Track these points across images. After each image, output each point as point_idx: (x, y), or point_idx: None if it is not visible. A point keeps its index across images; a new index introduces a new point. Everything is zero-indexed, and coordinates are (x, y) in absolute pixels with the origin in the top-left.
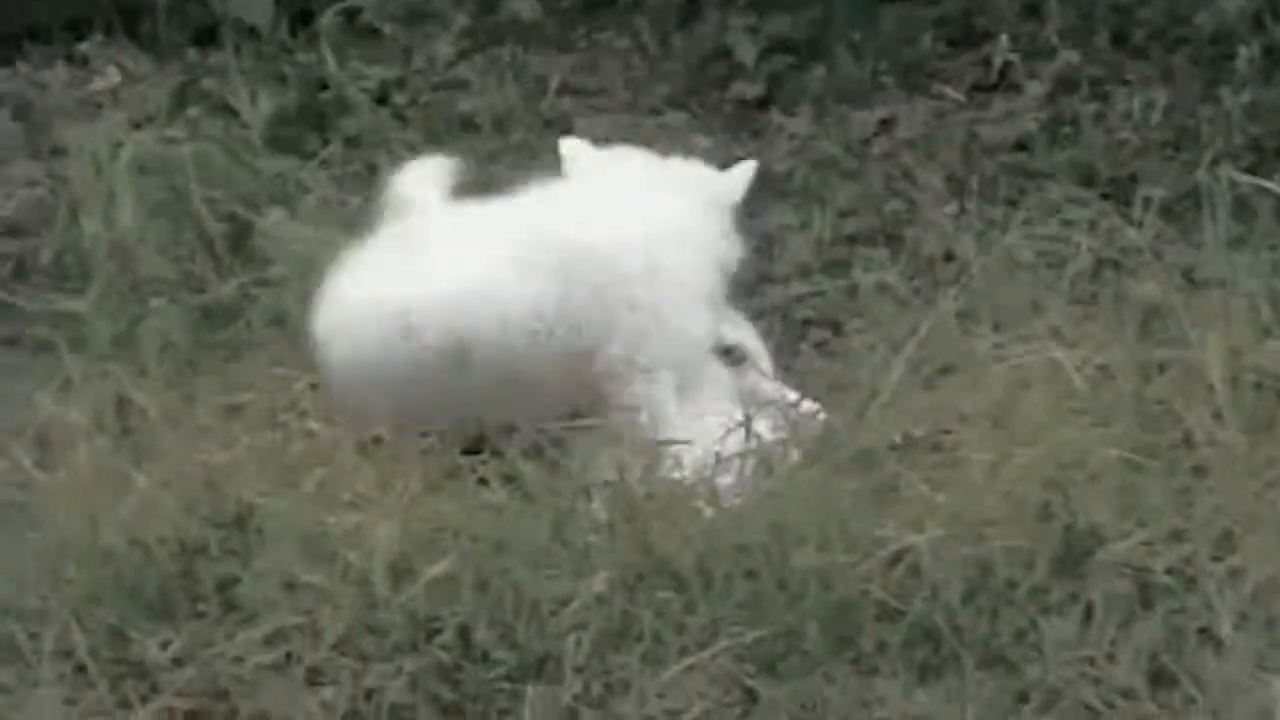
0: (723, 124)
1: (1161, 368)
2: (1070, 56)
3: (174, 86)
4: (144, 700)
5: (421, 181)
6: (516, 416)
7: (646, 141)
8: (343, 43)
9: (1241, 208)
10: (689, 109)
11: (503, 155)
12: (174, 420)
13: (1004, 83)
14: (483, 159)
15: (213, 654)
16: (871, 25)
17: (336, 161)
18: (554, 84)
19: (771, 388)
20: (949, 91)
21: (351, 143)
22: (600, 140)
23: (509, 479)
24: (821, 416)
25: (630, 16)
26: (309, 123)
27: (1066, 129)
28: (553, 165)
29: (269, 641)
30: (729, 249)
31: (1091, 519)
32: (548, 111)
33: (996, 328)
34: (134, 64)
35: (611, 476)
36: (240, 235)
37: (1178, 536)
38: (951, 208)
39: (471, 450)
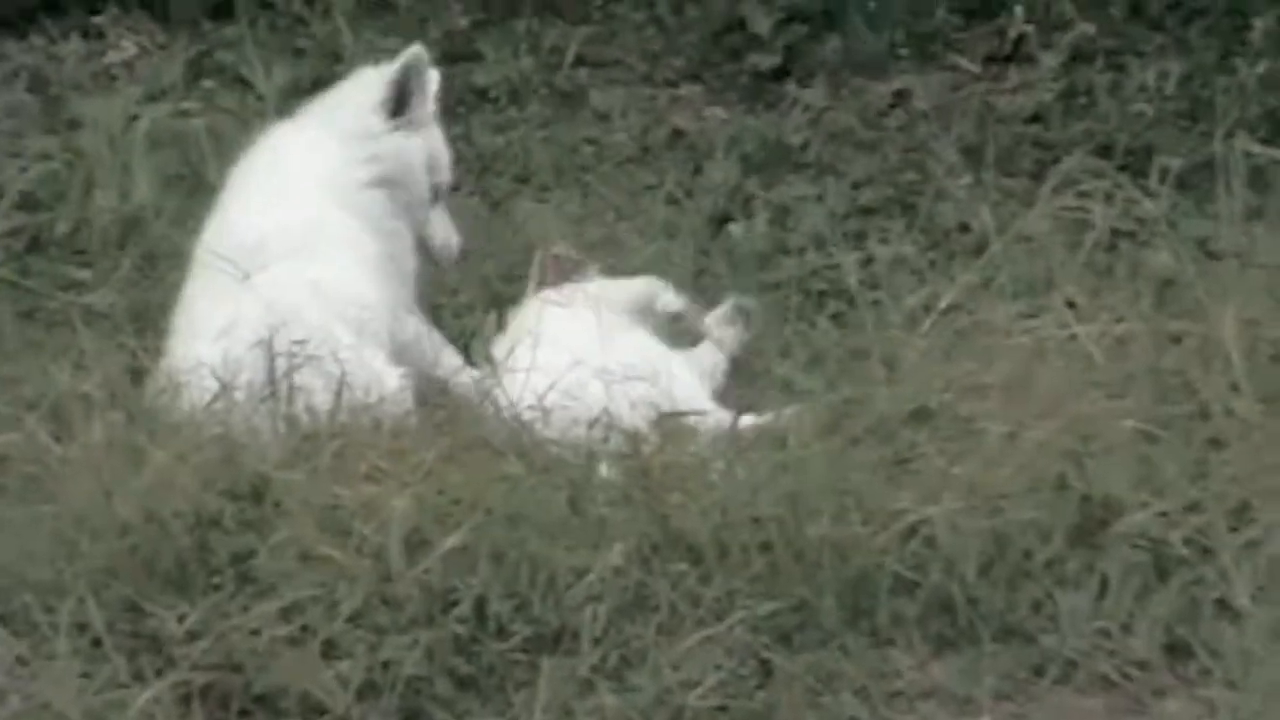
0: (738, 96)
1: (1177, 339)
2: (1085, 28)
3: (188, 59)
4: (159, 674)
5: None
6: None
7: (662, 114)
8: (357, 14)
9: (1257, 178)
10: (704, 81)
11: (518, 127)
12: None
13: (1019, 54)
14: (498, 130)
15: (228, 627)
16: None
17: None
18: (570, 56)
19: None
20: (964, 63)
21: None
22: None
23: (525, 450)
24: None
25: None
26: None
27: (1082, 100)
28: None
29: (285, 614)
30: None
31: (1108, 490)
32: (563, 84)
33: (1013, 300)
34: (149, 37)
35: None
36: None
37: (1194, 508)
38: (967, 179)
39: None
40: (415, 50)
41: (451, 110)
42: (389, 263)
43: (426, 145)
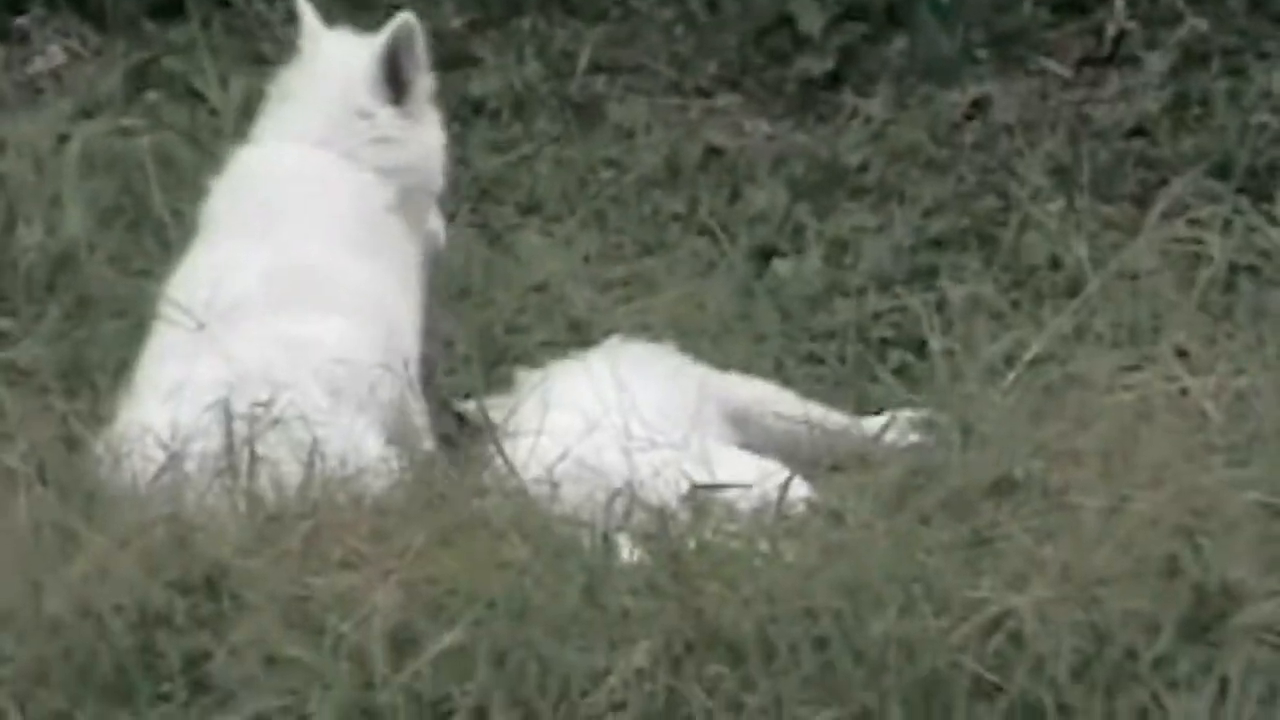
0: (784, 107)
1: None
2: (1198, 23)
3: (129, 67)
4: None
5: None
6: None
7: (694, 128)
8: (330, 13)
9: None
10: (744, 89)
11: (523, 145)
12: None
13: (1119, 56)
14: (499, 150)
15: None
16: None
17: None
18: (583, 61)
19: None
20: (1054, 66)
21: None
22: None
23: (531, 531)
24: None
25: None
26: None
27: (1195, 110)
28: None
29: None
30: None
31: (1226, 575)
32: (576, 94)
33: (1113, 349)
34: (81, 41)
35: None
36: None
37: None
38: (1058, 205)
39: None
40: (405, 18)
41: (444, 125)
42: (399, 316)
43: (437, 133)
